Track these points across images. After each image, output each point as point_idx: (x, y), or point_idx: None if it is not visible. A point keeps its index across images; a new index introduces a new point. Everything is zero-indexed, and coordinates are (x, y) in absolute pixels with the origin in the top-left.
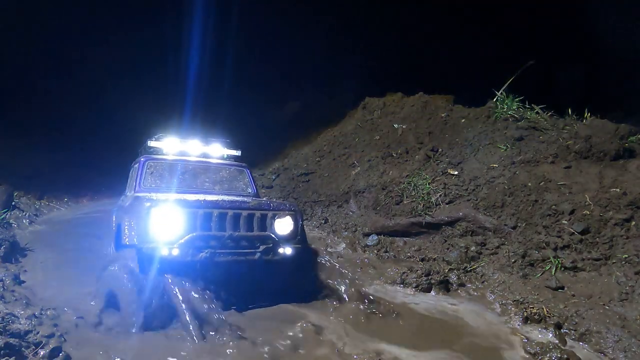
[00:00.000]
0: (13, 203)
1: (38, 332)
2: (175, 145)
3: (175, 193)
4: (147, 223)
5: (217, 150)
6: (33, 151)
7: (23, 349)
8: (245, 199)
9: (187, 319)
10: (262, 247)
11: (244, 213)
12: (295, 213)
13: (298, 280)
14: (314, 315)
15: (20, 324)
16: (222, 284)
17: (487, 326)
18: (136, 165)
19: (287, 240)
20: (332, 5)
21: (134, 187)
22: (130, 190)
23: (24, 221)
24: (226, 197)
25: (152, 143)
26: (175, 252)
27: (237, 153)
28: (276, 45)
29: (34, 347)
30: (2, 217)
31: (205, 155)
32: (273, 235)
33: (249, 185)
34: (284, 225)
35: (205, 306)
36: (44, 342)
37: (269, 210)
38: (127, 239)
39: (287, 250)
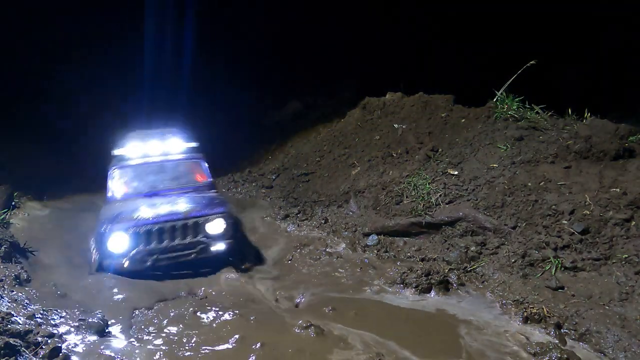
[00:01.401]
0: (13, 203)
1: (38, 332)
2: (138, 149)
3: (141, 197)
4: (105, 244)
5: (176, 145)
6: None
7: (23, 349)
8: (180, 208)
9: None
10: (197, 248)
11: (179, 224)
12: (224, 215)
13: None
14: None
15: (20, 324)
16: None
17: (487, 326)
18: (108, 174)
19: (219, 238)
20: (332, 5)
21: (108, 196)
22: (106, 198)
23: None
24: (163, 210)
25: (116, 151)
26: (126, 264)
27: (194, 145)
28: (275, 45)
29: (34, 347)
30: (2, 217)
31: (165, 153)
32: (205, 238)
33: (205, 175)
34: (215, 227)
35: None
36: (43, 342)
37: (199, 217)
38: (93, 257)
39: (219, 247)
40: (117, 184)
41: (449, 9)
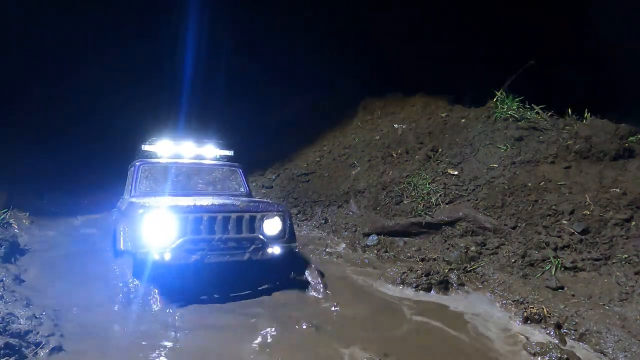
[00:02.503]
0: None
1: (38, 332)
2: (169, 148)
3: (169, 196)
4: (141, 229)
5: (211, 151)
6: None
7: (23, 349)
8: (235, 202)
9: None
10: (251, 248)
11: (233, 216)
12: (284, 214)
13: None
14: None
15: (20, 324)
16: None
17: (487, 326)
18: (132, 169)
19: (275, 239)
20: (332, 4)
21: (130, 191)
22: (127, 194)
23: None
24: (216, 201)
25: (146, 147)
26: (168, 256)
27: (230, 153)
28: (275, 46)
29: (34, 347)
30: (2, 217)
31: (198, 157)
32: (261, 236)
33: (242, 185)
34: (272, 226)
35: None
36: (44, 342)
37: (257, 212)
38: (122, 245)
39: (275, 250)
40: (142, 180)
41: (449, 9)
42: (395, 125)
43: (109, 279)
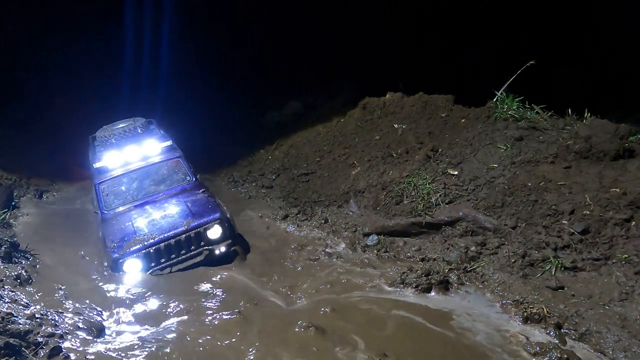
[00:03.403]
0: (13, 203)
1: (38, 332)
2: (117, 158)
3: (131, 206)
4: (121, 270)
5: (153, 147)
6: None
7: (23, 349)
8: (184, 222)
9: None
10: (203, 255)
11: (183, 237)
12: (221, 220)
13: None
14: None
15: (20, 324)
16: None
17: (487, 326)
18: (93, 189)
19: (220, 241)
20: (332, 4)
21: (100, 208)
22: (97, 209)
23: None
24: (163, 224)
25: (97, 164)
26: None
27: (169, 143)
28: (275, 46)
29: (34, 347)
30: (2, 217)
31: (144, 158)
32: (208, 245)
33: (187, 174)
34: (215, 232)
35: None
36: (44, 342)
37: (199, 226)
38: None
39: (222, 249)
40: (106, 198)
41: (449, 9)
42: (395, 125)
43: None
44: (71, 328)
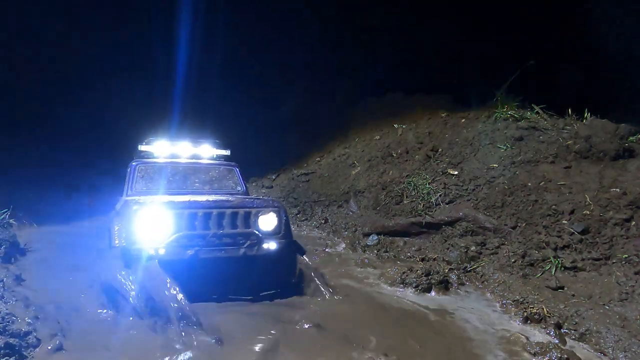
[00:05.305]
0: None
1: (38, 332)
2: (166, 148)
3: (166, 195)
4: (134, 225)
5: (207, 151)
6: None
7: (23, 349)
8: (230, 198)
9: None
10: (246, 243)
11: (228, 211)
12: (279, 209)
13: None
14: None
15: (20, 324)
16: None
17: (487, 326)
18: (128, 170)
19: (271, 235)
20: (332, 4)
21: (126, 190)
22: (123, 194)
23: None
24: (211, 197)
25: (142, 147)
26: (162, 251)
27: (227, 153)
28: (275, 46)
29: (33, 347)
30: (2, 217)
31: (195, 157)
32: (256, 232)
33: (239, 184)
34: (267, 222)
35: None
36: (43, 342)
37: (252, 207)
38: (116, 241)
39: (271, 245)
40: (139, 180)
41: (449, 9)
42: (395, 125)
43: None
44: (72, 328)
